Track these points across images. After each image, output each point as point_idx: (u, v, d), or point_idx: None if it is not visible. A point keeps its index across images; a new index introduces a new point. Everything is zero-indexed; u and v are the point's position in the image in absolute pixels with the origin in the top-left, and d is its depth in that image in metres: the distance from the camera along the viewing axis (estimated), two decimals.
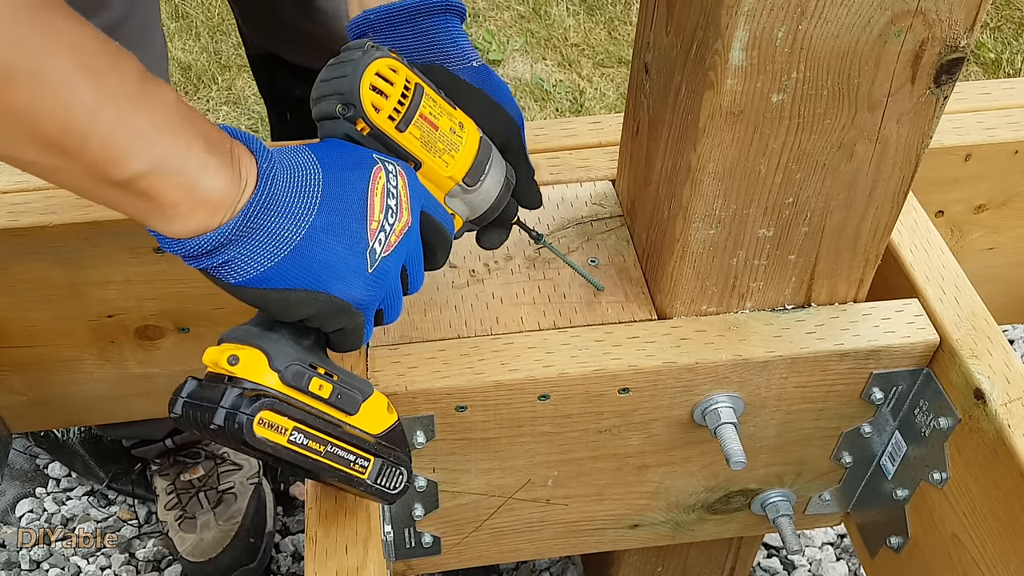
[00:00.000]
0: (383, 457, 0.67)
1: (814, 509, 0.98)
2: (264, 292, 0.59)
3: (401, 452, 0.68)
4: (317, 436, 0.62)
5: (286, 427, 0.60)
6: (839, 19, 0.63)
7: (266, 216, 0.57)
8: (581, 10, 2.65)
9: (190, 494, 1.47)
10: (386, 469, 0.67)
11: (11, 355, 1.02)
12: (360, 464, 0.65)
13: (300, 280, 0.59)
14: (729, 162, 0.71)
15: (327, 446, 0.63)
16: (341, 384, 0.64)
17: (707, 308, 0.82)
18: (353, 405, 0.64)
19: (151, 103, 0.52)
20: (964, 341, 0.80)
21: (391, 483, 0.68)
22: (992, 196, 1.03)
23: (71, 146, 0.50)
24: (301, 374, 0.61)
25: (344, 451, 0.64)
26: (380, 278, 0.63)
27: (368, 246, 0.62)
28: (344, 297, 0.61)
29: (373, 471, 0.66)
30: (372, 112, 0.65)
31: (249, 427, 0.58)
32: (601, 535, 0.96)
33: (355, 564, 0.69)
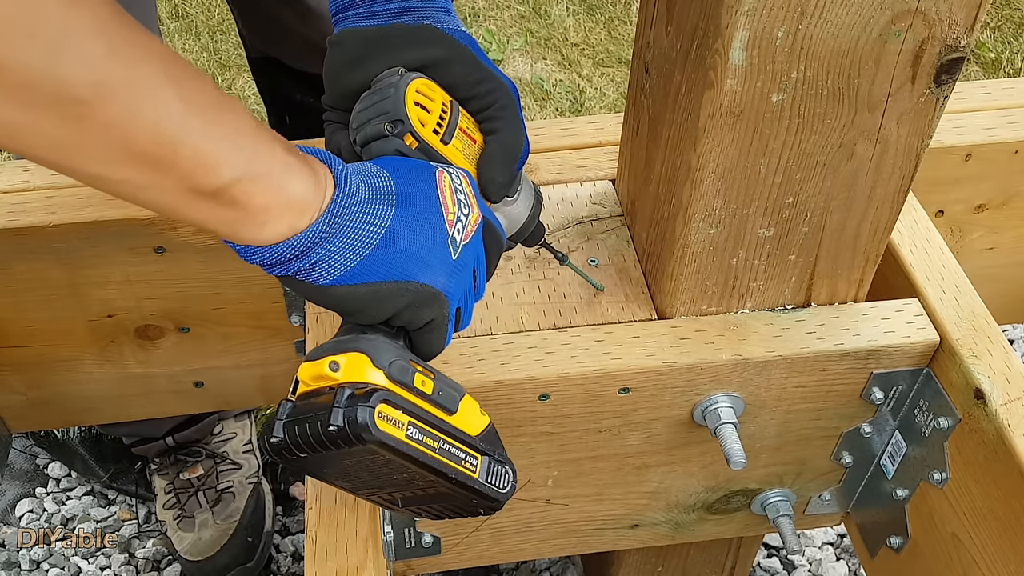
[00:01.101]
0: (489, 455, 0.65)
1: (814, 509, 0.97)
2: (354, 288, 0.59)
3: (502, 451, 0.66)
4: (430, 432, 0.60)
5: (402, 421, 0.58)
6: (839, 19, 0.63)
7: (351, 212, 0.58)
8: (581, 10, 2.65)
9: (188, 493, 1.47)
10: (494, 467, 0.65)
11: (11, 355, 1.02)
12: (471, 462, 0.63)
13: (389, 272, 0.60)
14: (729, 162, 0.71)
15: (439, 442, 0.61)
16: (439, 380, 0.63)
17: (707, 308, 0.82)
18: (453, 403, 0.63)
19: (231, 109, 0.53)
20: (964, 341, 0.80)
21: (500, 482, 0.65)
22: (992, 196, 1.03)
23: (165, 157, 0.49)
24: (405, 369, 0.60)
25: (455, 448, 0.62)
26: (462, 267, 0.64)
27: (448, 235, 0.63)
28: (433, 284, 0.61)
29: (483, 469, 0.64)
30: (419, 126, 0.67)
31: (372, 420, 0.56)
32: (601, 535, 0.96)
33: (355, 564, 0.69)
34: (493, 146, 0.72)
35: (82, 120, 0.45)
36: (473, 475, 0.63)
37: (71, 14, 0.43)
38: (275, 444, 0.58)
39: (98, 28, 0.45)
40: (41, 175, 0.94)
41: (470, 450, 0.63)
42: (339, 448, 0.57)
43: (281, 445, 0.58)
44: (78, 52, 0.44)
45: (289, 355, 1.05)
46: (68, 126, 0.45)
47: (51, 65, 0.43)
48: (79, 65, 0.44)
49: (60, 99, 0.44)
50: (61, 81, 0.44)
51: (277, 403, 0.60)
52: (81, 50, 0.44)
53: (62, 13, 0.43)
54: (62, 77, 0.44)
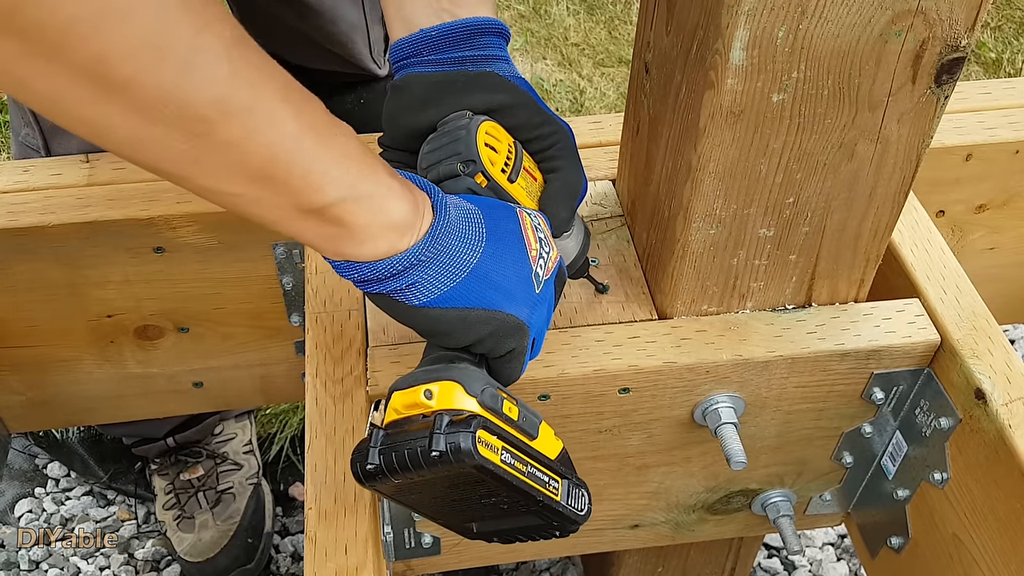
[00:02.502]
0: (568, 479, 0.66)
1: (815, 509, 0.97)
2: (445, 312, 0.62)
3: (576, 474, 0.68)
4: (520, 457, 0.62)
5: (497, 446, 0.60)
6: (840, 19, 0.63)
7: (447, 240, 0.61)
8: (581, 9, 2.65)
9: (189, 494, 1.46)
10: (572, 490, 0.67)
11: (10, 355, 1.01)
12: (553, 486, 0.65)
13: (478, 300, 0.63)
14: (729, 162, 0.71)
15: (528, 466, 0.63)
16: (522, 407, 0.65)
17: (708, 308, 0.82)
18: (534, 428, 0.65)
19: (340, 133, 0.56)
20: (965, 341, 0.80)
21: (579, 504, 0.67)
22: (993, 196, 1.03)
23: (277, 175, 0.52)
24: (496, 396, 0.62)
25: (540, 472, 0.64)
26: (543, 301, 0.67)
27: (532, 270, 0.66)
28: (518, 315, 0.64)
29: (564, 492, 0.66)
30: (489, 165, 0.70)
31: (474, 445, 0.58)
32: (601, 535, 0.96)
33: (355, 564, 0.69)
34: (556, 184, 0.75)
35: (204, 137, 0.48)
36: (556, 498, 0.65)
37: (200, 37, 0.45)
38: (370, 471, 0.59)
39: (223, 50, 0.47)
40: (40, 175, 0.94)
41: (552, 474, 0.65)
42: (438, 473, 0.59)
43: (376, 471, 0.59)
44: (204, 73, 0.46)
45: (288, 355, 1.05)
46: (191, 142, 0.48)
47: (179, 85, 0.45)
48: (204, 85, 0.46)
49: (185, 117, 0.46)
50: (187, 100, 0.46)
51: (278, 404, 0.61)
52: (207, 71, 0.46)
53: (191, 35, 0.45)
54: (188, 96, 0.46)
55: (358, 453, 0.60)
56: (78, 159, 0.96)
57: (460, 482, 0.60)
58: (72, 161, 0.96)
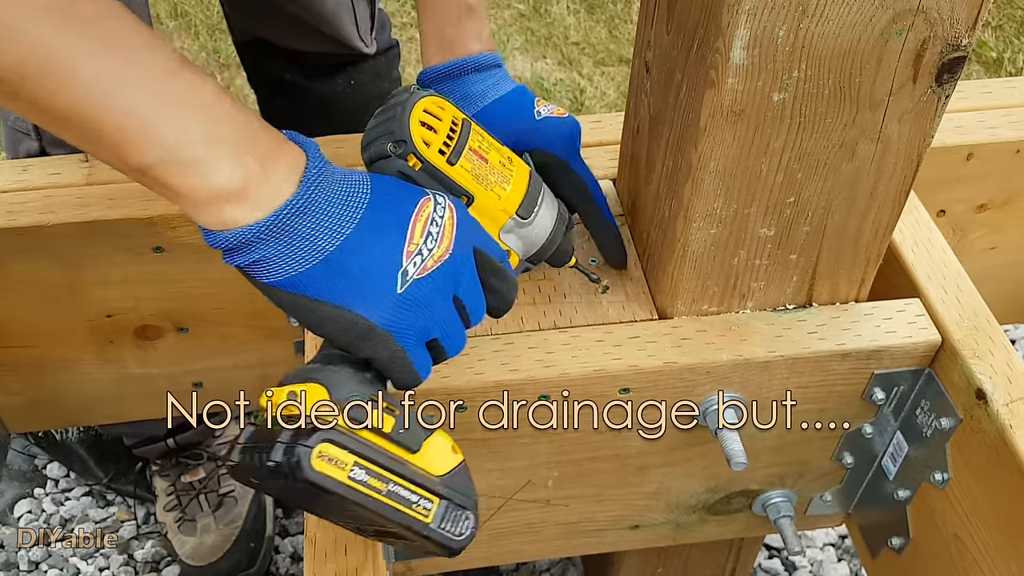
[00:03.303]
0: (448, 499, 0.62)
1: (815, 510, 0.97)
2: (295, 298, 0.59)
3: (467, 495, 0.64)
4: (379, 473, 0.58)
5: (346, 462, 0.57)
6: (840, 18, 0.62)
7: (302, 220, 0.57)
8: (581, 8, 2.65)
9: (190, 496, 1.46)
10: (451, 513, 0.62)
11: (9, 355, 1.01)
12: (423, 506, 0.61)
13: (327, 292, 0.58)
14: (730, 161, 0.71)
15: (389, 484, 0.59)
16: (401, 419, 0.61)
17: (708, 308, 0.82)
18: (416, 442, 0.61)
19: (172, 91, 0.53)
20: (966, 341, 0.79)
21: (457, 528, 0.63)
22: (994, 195, 1.03)
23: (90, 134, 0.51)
24: (361, 406, 0.58)
25: (407, 491, 0.60)
26: (412, 302, 0.61)
27: (401, 267, 0.60)
28: (368, 317, 0.59)
29: (438, 514, 0.61)
30: (423, 147, 0.66)
31: (308, 461, 0.55)
32: (601, 536, 0.96)
33: (354, 565, 0.69)
34: None
35: (17, 98, 0.50)
36: (425, 520, 0.61)
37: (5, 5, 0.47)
38: (232, 468, 0.57)
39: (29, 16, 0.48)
40: (39, 175, 0.94)
41: (426, 493, 0.61)
42: (277, 485, 0.56)
43: (237, 471, 0.57)
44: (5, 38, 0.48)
45: (288, 356, 1.05)
46: (14, 103, 0.50)
47: None
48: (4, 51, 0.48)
49: None
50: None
51: None
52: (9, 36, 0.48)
53: None
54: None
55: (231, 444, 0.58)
56: (77, 159, 0.96)
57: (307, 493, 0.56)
58: (71, 161, 0.96)
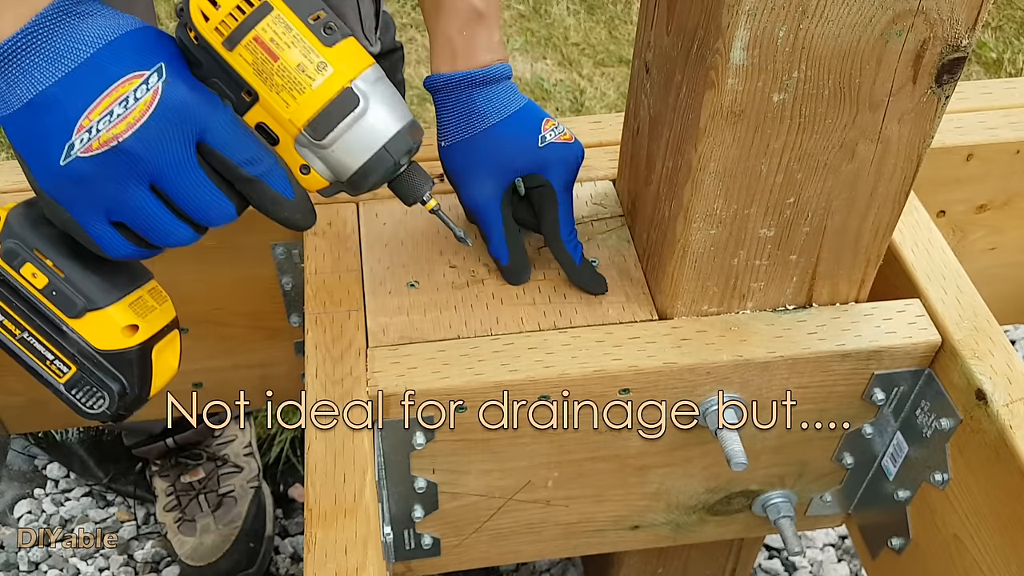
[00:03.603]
0: (88, 372, 0.64)
1: (815, 510, 0.97)
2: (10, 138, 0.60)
3: (121, 378, 0.65)
4: (14, 318, 0.63)
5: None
6: (840, 18, 0.62)
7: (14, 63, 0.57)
8: (581, 9, 2.65)
9: (190, 496, 1.46)
10: (86, 385, 0.65)
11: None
12: (58, 367, 0.64)
13: (20, 142, 0.59)
14: (730, 162, 0.71)
15: (24, 332, 0.63)
16: (64, 282, 0.63)
17: (708, 308, 0.82)
18: (71, 308, 0.63)
19: None
20: (966, 341, 0.79)
21: (88, 401, 0.66)
22: (994, 196, 1.03)
23: None
24: (15, 254, 0.63)
25: (42, 345, 0.64)
26: (74, 178, 0.60)
27: (70, 140, 0.59)
28: (37, 178, 0.60)
29: (72, 381, 0.65)
30: (199, 19, 0.60)
31: None
32: (601, 536, 0.96)
33: (354, 565, 0.68)
34: None
35: None
36: (58, 380, 0.65)
37: None
38: None
39: None
40: None
41: (63, 356, 0.64)
42: None
43: None
44: None
45: (288, 356, 1.05)
46: None
47: None
48: None
49: None
50: None
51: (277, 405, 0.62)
52: None
53: None
54: None
55: None
56: None
57: None
58: None
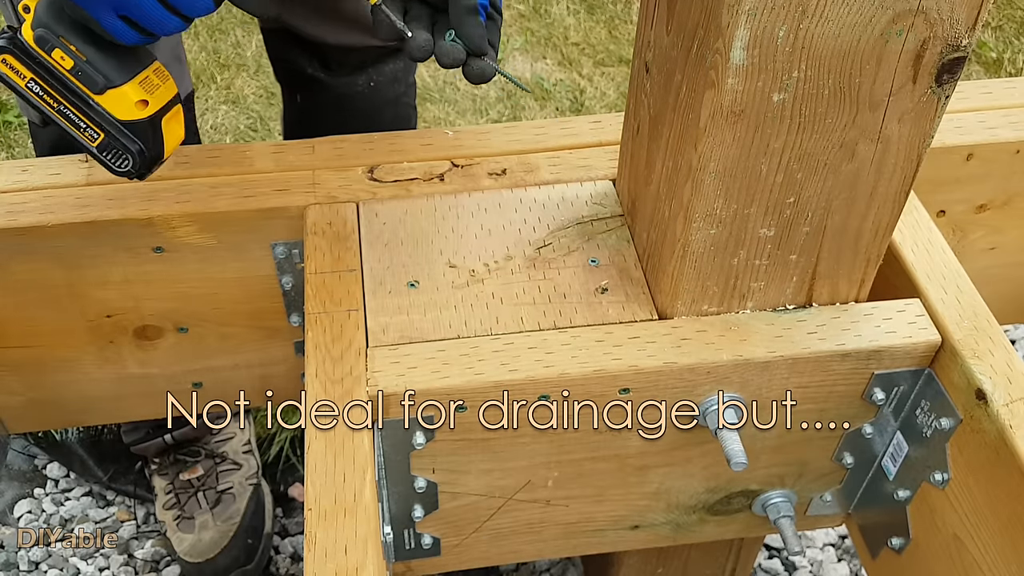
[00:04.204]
0: (114, 136, 0.79)
1: (815, 510, 0.97)
2: None
3: (140, 143, 0.80)
4: (51, 94, 0.77)
5: (25, 74, 0.77)
6: (840, 18, 0.62)
7: None
8: (581, 9, 2.65)
9: (189, 494, 1.46)
10: (114, 148, 0.79)
11: (9, 355, 1.01)
12: (90, 133, 0.79)
13: None
14: (730, 161, 0.71)
15: (60, 105, 0.78)
16: (87, 64, 0.76)
17: (708, 308, 0.82)
18: (94, 85, 0.77)
19: None
20: (966, 341, 0.79)
21: (117, 161, 0.80)
22: (994, 196, 1.03)
23: None
24: (45, 40, 0.75)
25: (75, 116, 0.78)
26: None
27: None
28: None
29: (102, 145, 0.79)
30: None
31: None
32: (601, 536, 0.96)
33: (354, 565, 0.68)
34: None
35: None
36: (91, 144, 0.80)
37: None
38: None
39: None
40: (39, 175, 0.94)
41: (93, 125, 0.79)
42: None
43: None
44: None
45: (288, 355, 1.05)
46: None
47: None
48: None
49: None
50: None
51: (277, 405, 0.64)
52: None
53: None
54: None
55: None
56: (77, 159, 0.96)
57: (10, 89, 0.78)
58: (71, 161, 0.96)
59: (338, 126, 1.01)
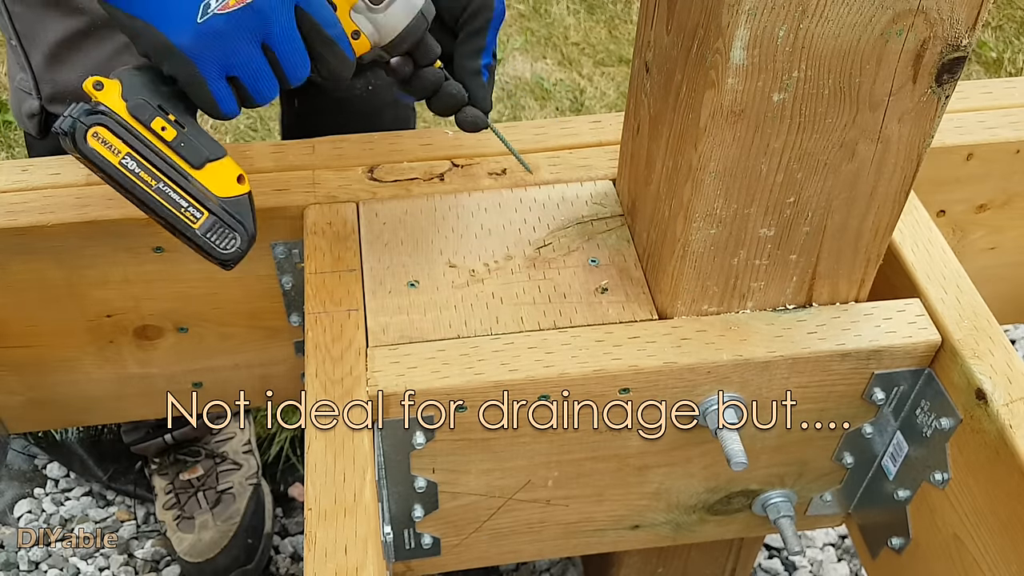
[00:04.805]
0: (218, 216, 0.72)
1: (815, 510, 0.97)
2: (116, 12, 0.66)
3: (243, 222, 0.73)
4: (151, 170, 0.69)
5: (120, 149, 0.68)
6: (840, 18, 0.62)
7: None
8: (581, 8, 2.65)
9: (188, 494, 1.46)
10: (219, 228, 0.72)
11: (9, 355, 1.01)
12: (192, 213, 0.71)
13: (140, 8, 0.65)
14: (730, 161, 0.71)
15: (160, 183, 0.70)
16: (188, 135, 0.70)
17: (708, 308, 0.82)
18: (197, 158, 0.71)
19: None
20: (966, 341, 0.79)
21: (223, 243, 0.73)
22: (994, 196, 1.03)
23: None
24: (145, 108, 0.69)
25: (177, 195, 0.70)
26: (211, 35, 0.67)
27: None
28: (170, 38, 0.66)
29: (205, 225, 0.72)
30: None
31: (82, 135, 0.67)
32: (601, 536, 0.96)
33: (354, 565, 0.68)
34: None
35: None
36: (192, 225, 0.72)
37: None
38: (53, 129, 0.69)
39: None
40: (39, 175, 0.94)
41: (196, 203, 0.71)
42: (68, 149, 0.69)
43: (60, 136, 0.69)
44: None
45: (288, 355, 1.05)
46: None
47: None
48: None
49: None
50: None
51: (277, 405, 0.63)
52: None
53: None
54: None
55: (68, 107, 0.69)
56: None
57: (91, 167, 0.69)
58: (71, 160, 0.96)
59: (338, 129, 1.01)
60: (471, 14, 0.82)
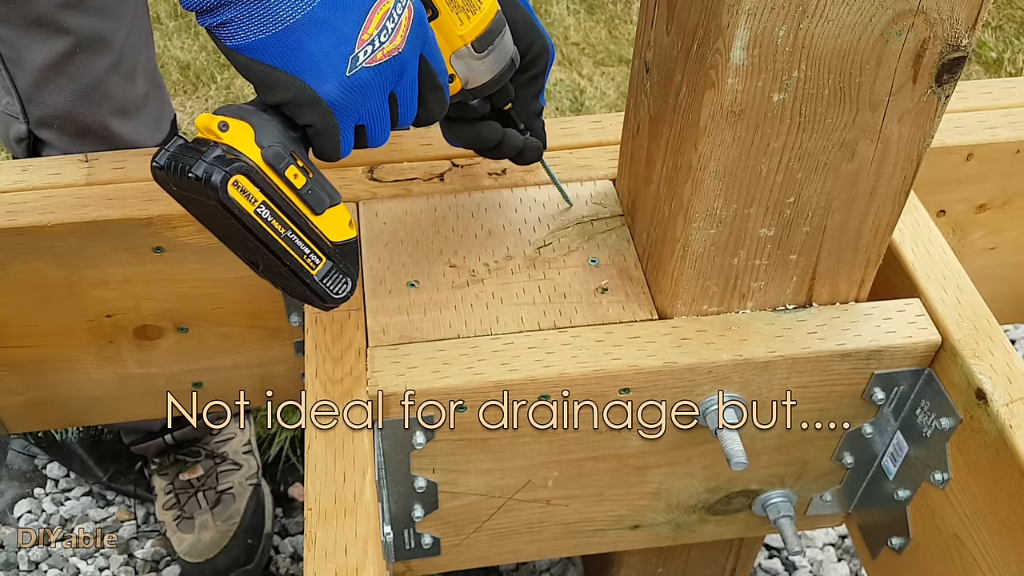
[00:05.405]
0: (335, 262, 0.71)
1: (815, 510, 0.97)
2: (252, 63, 0.64)
3: (351, 265, 0.73)
4: (281, 218, 0.67)
5: (256, 198, 0.65)
6: (840, 18, 0.62)
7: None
8: (581, 8, 2.65)
9: (188, 494, 1.46)
10: (335, 274, 0.72)
11: (9, 355, 1.01)
12: (313, 260, 0.70)
13: (284, 61, 0.64)
14: (730, 161, 0.71)
15: (288, 231, 0.68)
16: (315, 181, 0.68)
17: (708, 308, 0.82)
18: (320, 205, 0.69)
19: None
20: (966, 341, 0.79)
21: (336, 287, 0.72)
22: (994, 196, 1.03)
23: None
24: (281, 156, 0.66)
25: (302, 242, 0.69)
26: (356, 87, 0.67)
27: (353, 52, 0.65)
28: (317, 90, 0.65)
29: (323, 271, 0.71)
30: None
31: (224, 183, 0.63)
32: (601, 536, 0.96)
33: (354, 565, 0.68)
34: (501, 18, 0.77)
35: None
36: (312, 271, 0.70)
37: None
38: (155, 169, 0.65)
39: None
40: (39, 175, 0.94)
41: (317, 250, 0.70)
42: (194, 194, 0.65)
43: (160, 173, 0.65)
44: None
45: (288, 355, 1.05)
46: None
47: None
48: None
49: None
50: None
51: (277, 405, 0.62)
52: None
53: None
54: None
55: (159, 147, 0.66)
56: (77, 158, 0.96)
57: (219, 214, 0.65)
58: (71, 160, 0.96)
59: None
60: (532, 59, 0.82)
